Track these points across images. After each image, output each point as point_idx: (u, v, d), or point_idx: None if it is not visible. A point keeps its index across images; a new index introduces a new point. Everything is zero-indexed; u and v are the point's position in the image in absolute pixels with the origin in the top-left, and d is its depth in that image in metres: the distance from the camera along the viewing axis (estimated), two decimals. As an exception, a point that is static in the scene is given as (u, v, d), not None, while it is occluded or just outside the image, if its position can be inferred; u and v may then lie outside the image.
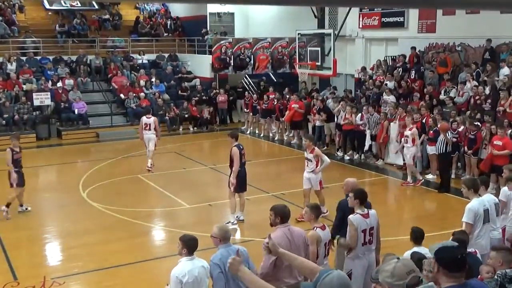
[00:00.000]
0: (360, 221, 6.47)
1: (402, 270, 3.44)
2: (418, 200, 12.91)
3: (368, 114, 15.35)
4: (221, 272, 5.49)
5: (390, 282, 3.44)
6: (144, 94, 21.52)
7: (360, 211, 6.54)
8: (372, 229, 6.58)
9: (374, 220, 6.63)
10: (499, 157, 11.91)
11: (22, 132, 19.12)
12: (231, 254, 5.61)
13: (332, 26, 20.45)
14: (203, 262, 5.64)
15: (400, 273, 3.43)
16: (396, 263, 3.49)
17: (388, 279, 3.44)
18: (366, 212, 6.57)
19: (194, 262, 5.57)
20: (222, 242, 5.67)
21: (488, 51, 15.72)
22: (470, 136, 12.90)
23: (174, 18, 27.76)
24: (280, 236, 5.76)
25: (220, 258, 5.54)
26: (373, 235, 6.59)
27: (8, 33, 23.31)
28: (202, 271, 5.57)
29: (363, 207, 6.61)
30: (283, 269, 5.74)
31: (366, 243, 6.51)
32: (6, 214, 11.01)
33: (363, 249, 6.52)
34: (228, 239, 5.70)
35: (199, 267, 5.56)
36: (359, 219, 6.48)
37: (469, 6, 7.05)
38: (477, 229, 6.91)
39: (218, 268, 5.50)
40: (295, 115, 18.00)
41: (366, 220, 6.51)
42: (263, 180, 13.75)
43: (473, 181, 7.40)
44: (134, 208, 11.72)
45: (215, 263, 5.52)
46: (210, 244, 5.88)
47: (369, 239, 6.55)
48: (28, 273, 8.54)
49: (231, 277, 5.57)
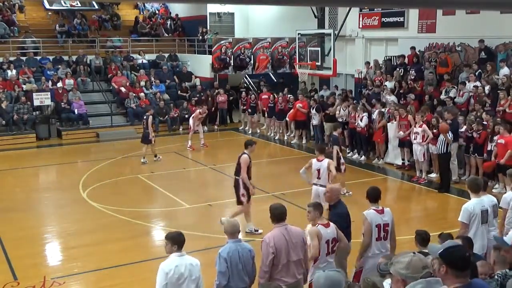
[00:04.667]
0: (374, 216, 6.55)
1: (418, 264, 3.47)
2: (418, 200, 12.92)
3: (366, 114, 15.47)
4: (227, 266, 5.52)
5: (404, 274, 3.45)
6: (144, 94, 21.53)
7: (375, 207, 6.63)
8: (387, 225, 6.61)
9: (389, 217, 6.69)
10: (503, 154, 11.94)
11: (22, 132, 19.19)
12: (239, 250, 5.67)
13: (332, 26, 20.43)
14: (192, 260, 5.61)
15: (416, 266, 3.45)
16: (413, 256, 3.52)
17: (403, 270, 3.46)
18: (381, 208, 6.65)
19: (183, 259, 5.54)
20: (230, 237, 5.71)
21: (483, 51, 15.73)
22: (473, 135, 12.95)
23: (174, 18, 27.76)
24: (277, 236, 5.76)
25: (228, 252, 5.59)
26: (387, 231, 6.62)
27: (8, 33, 23.32)
28: (191, 268, 5.53)
29: (377, 204, 6.69)
30: (281, 268, 5.75)
31: (380, 239, 6.55)
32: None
33: (378, 245, 6.55)
34: (235, 234, 5.74)
35: (188, 265, 5.52)
36: (372, 214, 6.57)
37: (469, 6, 7.05)
38: (473, 229, 6.88)
39: (225, 262, 5.54)
40: (298, 115, 18.02)
41: (380, 216, 6.58)
42: (263, 180, 13.74)
43: (474, 180, 7.38)
44: (134, 208, 11.73)
45: (223, 256, 5.57)
46: (210, 244, 5.91)
47: (384, 235, 6.58)
48: (28, 273, 8.53)
49: (236, 272, 5.60)
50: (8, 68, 20.95)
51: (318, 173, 9.93)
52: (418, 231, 6.22)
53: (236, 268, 5.62)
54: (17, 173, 15.17)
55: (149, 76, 22.81)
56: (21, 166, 15.83)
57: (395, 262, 3.55)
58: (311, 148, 17.79)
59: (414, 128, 13.65)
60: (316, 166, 10.01)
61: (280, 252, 5.73)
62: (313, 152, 17.00)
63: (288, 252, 5.78)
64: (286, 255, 5.77)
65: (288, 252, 5.78)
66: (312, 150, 17.41)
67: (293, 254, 5.82)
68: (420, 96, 15.95)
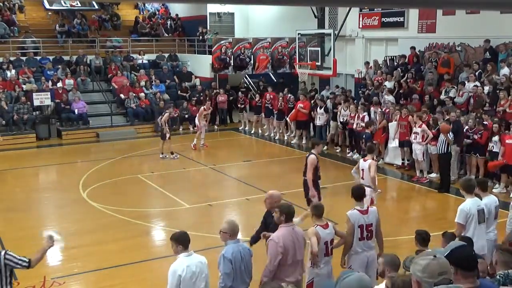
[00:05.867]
0: (356, 217, 6.56)
1: (435, 269, 3.34)
2: (418, 200, 12.92)
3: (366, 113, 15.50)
4: (232, 267, 5.53)
5: (419, 276, 3.36)
6: (144, 94, 21.52)
7: (359, 207, 6.65)
8: (371, 225, 6.63)
9: (374, 217, 6.69)
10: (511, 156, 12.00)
11: (22, 132, 19.18)
12: (240, 251, 5.67)
13: (332, 26, 20.43)
14: (200, 258, 5.63)
15: (433, 270, 3.33)
16: (431, 260, 3.38)
17: (419, 273, 3.36)
18: (365, 209, 6.67)
19: (192, 258, 5.56)
20: (231, 237, 5.70)
21: (488, 51, 15.72)
22: (475, 136, 12.96)
23: (174, 18, 27.75)
24: (285, 235, 5.77)
25: (232, 252, 5.59)
26: (371, 231, 6.64)
27: (8, 33, 23.31)
28: (200, 266, 5.55)
29: (362, 203, 6.72)
30: (286, 268, 5.76)
31: (363, 239, 6.58)
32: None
33: (361, 245, 6.58)
34: (236, 234, 5.75)
35: (197, 263, 5.55)
36: (355, 214, 6.58)
37: (469, 6, 7.05)
38: (470, 230, 6.87)
39: (230, 263, 5.54)
40: (299, 115, 18.02)
41: (363, 216, 6.59)
42: (263, 180, 13.75)
43: (467, 181, 7.34)
44: (134, 208, 11.72)
45: (227, 258, 5.55)
46: (210, 244, 5.90)
47: (367, 235, 6.61)
48: (28, 273, 8.48)
49: (239, 273, 5.61)
50: (8, 69, 20.95)
51: (362, 173, 9.88)
52: (418, 231, 6.22)
53: (239, 269, 5.63)
54: (17, 173, 15.17)
55: (149, 76, 22.82)
56: (21, 166, 15.82)
57: (414, 262, 3.47)
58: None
59: (414, 128, 13.66)
60: (361, 166, 9.97)
61: (288, 252, 5.74)
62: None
63: (294, 252, 5.80)
64: (293, 255, 5.79)
65: (294, 252, 5.80)
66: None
67: (298, 254, 5.86)
68: (420, 96, 15.94)
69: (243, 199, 12.41)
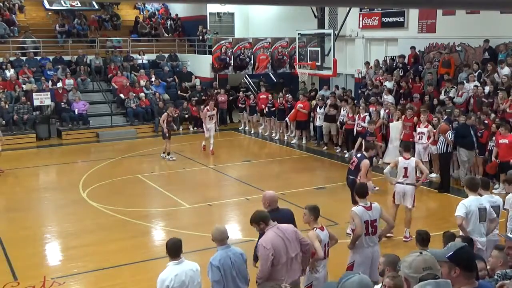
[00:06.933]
0: (362, 213, 6.81)
1: (420, 265, 3.46)
2: (418, 200, 12.86)
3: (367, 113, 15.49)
4: (221, 274, 5.46)
5: (406, 273, 3.48)
6: (144, 94, 21.52)
7: (363, 204, 6.92)
8: (375, 221, 6.89)
9: (377, 213, 6.93)
10: (507, 153, 11.95)
11: (22, 132, 19.19)
12: (230, 256, 5.59)
13: (332, 26, 20.44)
14: (192, 265, 5.55)
15: (418, 266, 3.45)
16: (417, 256, 3.52)
17: (406, 269, 3.49)
18: (369, 205, 6.91)
19: (182, 266, 5.47)
20: (220, 244, 5.63)
21: (487, 51, 15.73)
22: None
23: (174, 18, 27.76)
24: (272, 237, 5.76)
25: (220, 259, 5.51)
26: (375, 227, 6.88)
27: (8, 33, 23.31)
28: (192, 274, 5.46)
29: (366, 200, 6.96)
30: (281, 267, 5.75)
31: (368, 234, 6.81)
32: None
33: (366, 240, 6.81)
34: (224, 240, 5.65)
35: (188, 271, 5.46)
36: (361, 210, 6.84)
37: (469, 6, 7.05)
38: (470, 227, 6.96)
39: (218, 270, 5.45)
40: (299, 115, 18.03)
41: (368, 212, 6.84)
42: (263, 180, 13.76)
43: (471, 179, 7.53)
44: (134, 208, 11.72)
45: (215, 265, 5.47)
46: (210, 244, 5.88)
47: (372, 231, 6.85)
48: (28, 273, 8.53)
49: (231, 278, 5.54)
50: (7, 69, 20.94)
51: (405, 171, 9.66)
52: (418, 231, 6.26)
53: (230, 275, 5.53)
54: (17, 173, 15.18)
55: (149, 76, 22.81)
56: (21, 166, 15.83)
57: (403, 260, 3.59)
58: (311, 148, 17.82)
59: (419, 128, 13.63)
60: (403, 164, 9.65)
61: (279, 252, 5.74)
62: (313, 152, 17.18)
63: (286, 250, 5.80)
64: (285, 253, 5.79)
65: (286, 250, 5.80)
66: (312, 150, 17.48)
67: (291, 250, 5.85)
68: (420, 96, 15.94)
69: (243, 199, 12.41)
